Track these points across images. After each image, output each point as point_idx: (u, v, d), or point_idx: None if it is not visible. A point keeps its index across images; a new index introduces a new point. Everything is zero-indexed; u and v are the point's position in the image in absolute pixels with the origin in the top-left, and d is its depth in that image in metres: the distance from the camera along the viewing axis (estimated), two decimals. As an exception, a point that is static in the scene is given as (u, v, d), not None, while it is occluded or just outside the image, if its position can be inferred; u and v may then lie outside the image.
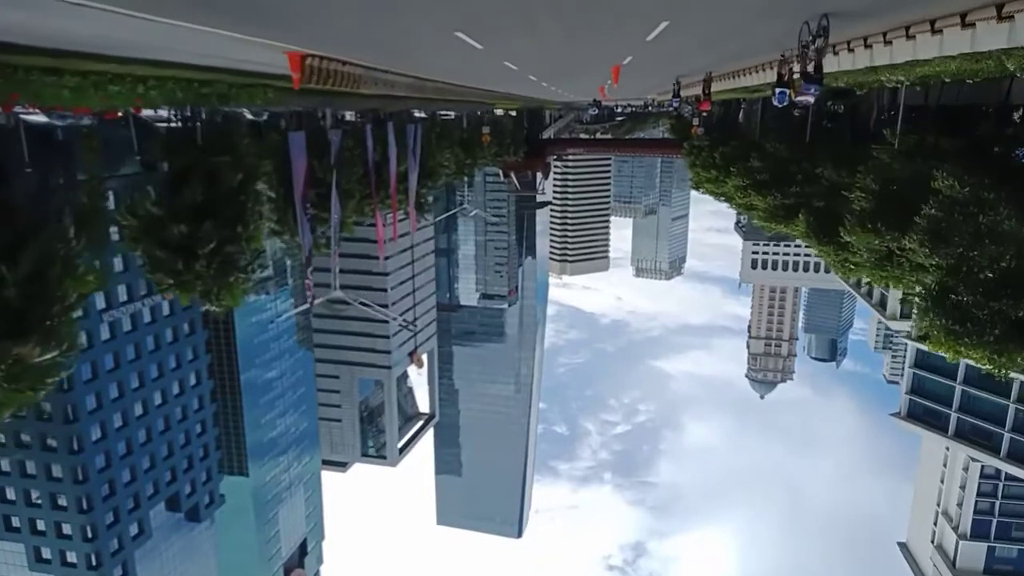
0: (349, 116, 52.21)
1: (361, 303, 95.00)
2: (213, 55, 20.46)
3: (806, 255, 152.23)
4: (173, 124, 36.62)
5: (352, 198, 32.41)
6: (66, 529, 65.54)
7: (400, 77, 30.12)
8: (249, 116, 40.46)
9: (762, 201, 31.84)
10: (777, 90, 15.59)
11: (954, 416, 59.32)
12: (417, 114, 58.32)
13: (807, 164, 30.01)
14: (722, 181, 43.58)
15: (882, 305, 69.10)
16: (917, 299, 19.55)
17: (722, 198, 50.10)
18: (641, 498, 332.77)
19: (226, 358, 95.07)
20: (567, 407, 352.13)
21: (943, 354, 18.49)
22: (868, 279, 23.27)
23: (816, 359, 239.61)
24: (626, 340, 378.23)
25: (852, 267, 26.40)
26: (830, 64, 22.62)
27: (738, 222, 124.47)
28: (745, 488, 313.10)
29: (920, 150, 22.86)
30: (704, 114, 50.57)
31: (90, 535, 65.50)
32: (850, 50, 23.96)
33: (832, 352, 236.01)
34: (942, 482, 70.99)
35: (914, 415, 63.53)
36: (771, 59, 29.56)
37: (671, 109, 46.34)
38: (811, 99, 13.41)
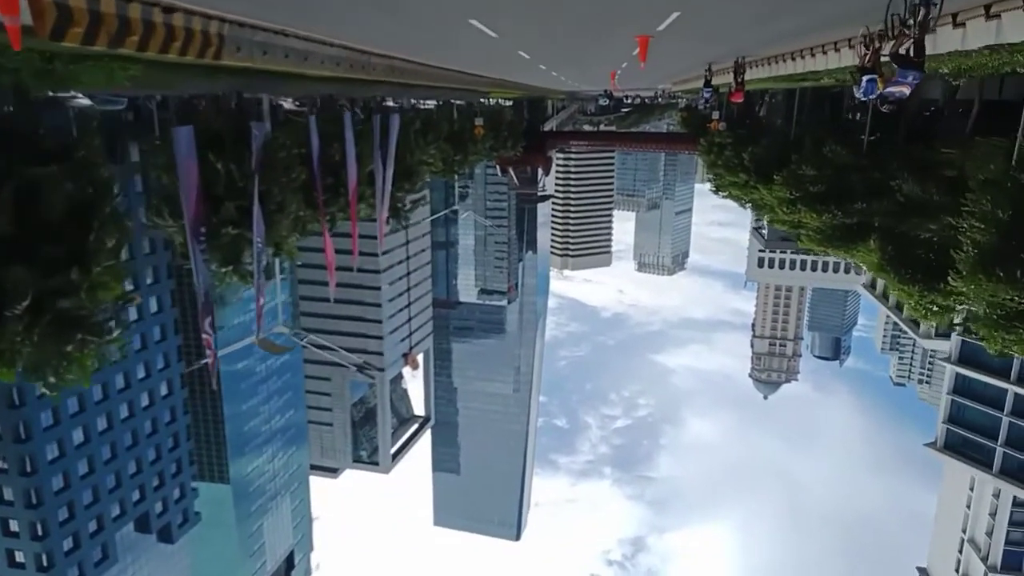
0: (287, 104, 44.62)
1: (314, 344, 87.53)
2: None
3: (814, 255, 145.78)
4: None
5: (288, 213, 24.69)
6: (19, 557, 59.94)
7: (316, 46, 20.54)
8: (102, 107, 33.27)
9: (815, 219, 25.80)
10: (864, 78, 11.24)
11: (1000, 451, 53.34)
12: (389, 103, 51.31)
13: (876, 173, 24.02)
14: (752, 187, 37.50)
15: (915, 323, 63.33)
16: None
17: (749, 205, 44.06)
18: (640, 493, 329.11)
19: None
20: (567, 400, 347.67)
21: None
22: (981, 337, 17.24)
23: (819, 357, 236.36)
24: (627, 334, 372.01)
25: (942, 312, 20.41)
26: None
27: (757, 227, 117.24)
28: (746, 487, 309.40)
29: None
30: (735, 106, 44.65)
31: (46, 563, 59.94)
32: (957, 24, 18.06)
33: (836, 350, 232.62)
34: (968, 507, 65.48)
35: (952, 446, 57.47)
36: (838, 37, 23.88)
37: (703, 102, 40.20)
38: (907, 90, 10.54)
